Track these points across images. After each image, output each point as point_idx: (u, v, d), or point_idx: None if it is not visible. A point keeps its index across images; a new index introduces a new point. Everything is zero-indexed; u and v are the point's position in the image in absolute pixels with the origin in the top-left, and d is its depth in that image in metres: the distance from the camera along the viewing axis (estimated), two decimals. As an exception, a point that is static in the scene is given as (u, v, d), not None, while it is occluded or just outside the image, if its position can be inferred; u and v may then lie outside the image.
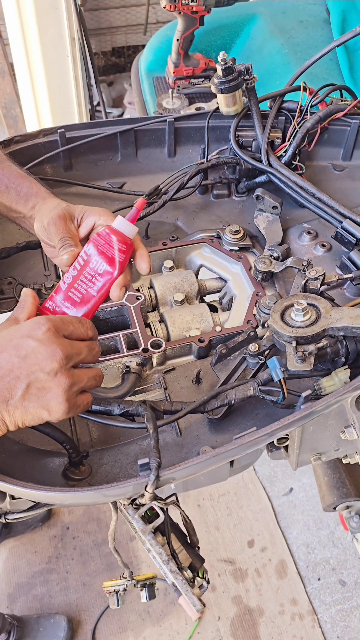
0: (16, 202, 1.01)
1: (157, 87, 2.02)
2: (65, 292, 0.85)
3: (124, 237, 0.85)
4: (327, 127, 1.34)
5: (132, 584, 1.00)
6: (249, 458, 0.99)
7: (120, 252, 0.84)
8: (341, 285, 1.12)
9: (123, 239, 0.85)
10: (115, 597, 1.00)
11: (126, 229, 0.85)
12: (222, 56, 1.18)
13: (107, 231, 0.85)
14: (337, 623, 1.99)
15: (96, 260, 0.84)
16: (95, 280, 0.85)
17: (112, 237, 0.84)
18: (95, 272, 0.85)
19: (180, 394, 1.00)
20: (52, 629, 1.89)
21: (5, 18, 2.62)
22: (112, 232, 0.84)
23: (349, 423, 0.96)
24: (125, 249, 0.85)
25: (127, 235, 0.85)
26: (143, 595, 1.00)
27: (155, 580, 1.03)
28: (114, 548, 0.92)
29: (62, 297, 0.86)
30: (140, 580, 1.01)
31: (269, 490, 2.29)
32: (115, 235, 0.84)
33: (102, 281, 0.85)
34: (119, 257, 0.84)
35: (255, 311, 1.09)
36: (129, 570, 0.99)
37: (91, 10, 3.89)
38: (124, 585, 1.00)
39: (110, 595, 1.00)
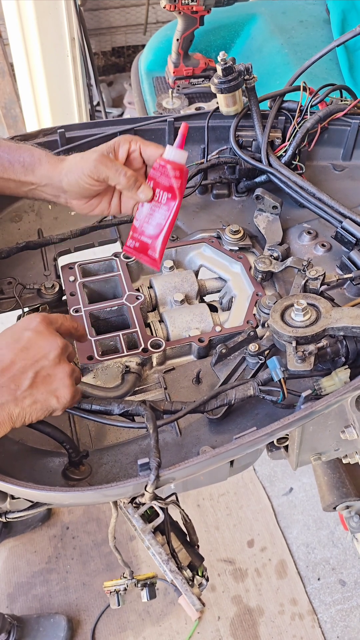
0: (24, 175, 1.00)
1: (157, 87, 2.02)
2: (140, 228, 0.95)
3: (177, 164, 0.91)
4: (327, 127, 1.34)
5: (133, 584, 1.00)
6: (249, 458, 0.99)
7: (176, 179, 0.91)
8: (341, 285, 1.12)
9: (176, 166, 0.91)
10: (115, 596, 1.00)
11: (177, 157, 0.91)
12: (222, 56, 1.18)
13: (161, 163, 0.91)
14: (337, 623, 1.99)
15: (157, 192, 0.93)
16: (162, 210, 0.94)
17: (167, 166, 0.91)
18: (160, 202, 0.93)
19: (180, 393, 1.00)
20: (52, 628, 1.89)
21: (5, 18, 2.62)
22: (165, 162, 0.91)
23: (349, 423, 0.97)
24: (180, 175, 0.91)
25: (179, 162, 0.91)
26: (144, 595, 1.00)
27: (155, 580, 1.03)
28: (114, 546, 0.92)
29: (140, 232, 0.95)
30: (140, 580, 1.01)
31: (269, 490, 2.29)
32: (169, 164, 0.91)
33: (167, 210, 0.93)
34: (176, 184, 0.91)
35: (255, 311, 1.09)
36: (130, 569, 0.99)
37: (91, 10, 3.89)
38: (124, 584, 1.00)
39: (110, 595, 1.00)
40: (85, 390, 0.93)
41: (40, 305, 1.12)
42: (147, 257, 0.97)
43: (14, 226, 1.27)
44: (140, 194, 0.93)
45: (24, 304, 1.10)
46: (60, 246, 1.22)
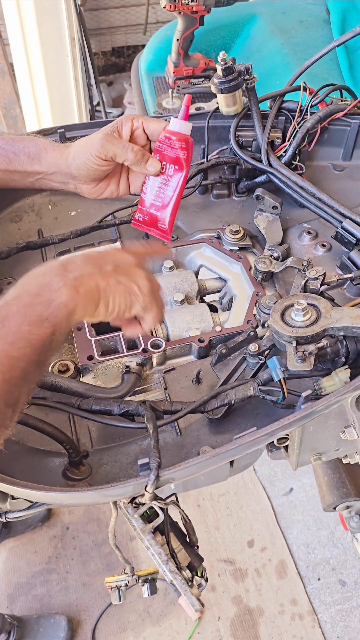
0: (30, 164, 1.00)
1: (157, 87, 2.02)
2: (149, 200, 0.97)
3: (182, 135, 0.92)
4: (327, 127, 1.33)
5: (134, 579, 1.00)
6: (249, 458, 0.99)
7: (182, 150, 0.93)
8: (341, 285, 1.12)
9: (182, 137, 0.92)
10: (117, 592, 1.00)
11: (182, 128, 0.92)
12: (222, 56, 1.18)
13: (166, 135, 0.92)
14: (337, 623, 1.99)
15: (164, 164, 0.94)
16: (170, 183, 0.95)
17: (172, 138, 0.92)
18: (167, 175, 0.95)
19: (180, 394, 1.00)
20: (52, 629, 1.89)
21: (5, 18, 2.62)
22: (171, 134, 0.92)
23: (349, 423, 0.96)
24: (186, 146, 0.93)
25: (184, 133, 0.92)
26: (145, 591, 1.00)
27: (156, 576, 1.03)
28: (115, 544, 0.92)
29: (148, 205, 0.97)
30: (141, 576, 1.01)
31: (269, 490, 2.29)
32: (175, 135, 0.92)
33: (174, 181, 0.95)
34: (182, 154, 0.93)
35: (255, 311, 1.09)
36: (130, 565, 0.99)
37: (91, 10, 3.89)
38: (125, 580, 1.00)
39: (112, 591, 1.00)
40: (86, 390, 0.93)
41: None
42: (157, 229, 0.99)
43: (14, 226, 1.27)
44: (149, 167, 0.95)
45: (24, 304, 1.10)
46: (60, 246, 1.21)
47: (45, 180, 1.02)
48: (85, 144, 0.96)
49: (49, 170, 0.99)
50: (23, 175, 1.01)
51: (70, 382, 0.94)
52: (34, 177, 1.01)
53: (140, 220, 0.99)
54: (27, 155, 0.99)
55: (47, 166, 0.99)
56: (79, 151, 0.96)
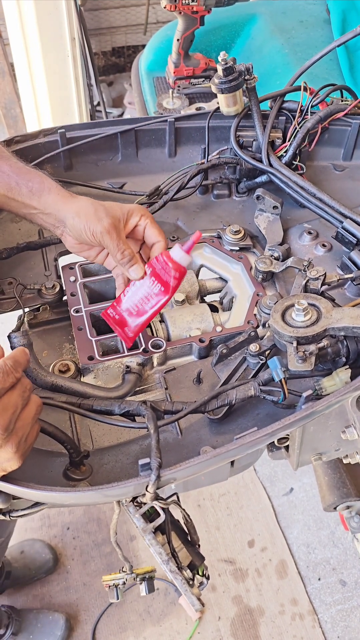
0: (29, 199, 1.00)
1: (157, 87, 2.02)
2: (126, 305, 0.98)
3: (179, 266, 0.93)
4: (328, 127, 1.34)
5: (132, 578, 0.99)
6: (250, 458, 0.99)
7: (174, 279, 0.94)
8: (342, 285, 1.12)
9: (178, 267, 0.93)
10: (114, 590, 1.00)
11: (182, 259, 0.93)
12: (222, 56, 1.18)
13: (165, 259, 0.93)
14: (337, 623, 1.99)
15: (153, 280, 0.95)
16: (150, 299, 0.96)
17: (169, 264, 0.93)
18: (151, 291, 0.96)
19: (180, 394, 1.00)
20: (49, 626, 1.89)
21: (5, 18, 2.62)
22: (169, 260, 0.93)
23: (350, 423, 0.96)
24: (179, 276, 0.94)
25: (182, 265, 0.93)
26: (142, 589, 1.00)
27: (154, 574, 1.03)
28: (115, 542, 0.92)
29: (124, 308, 0.98)
30: (139, 574, 1.00)
31: (269, 490, 2.29)
32: (172, 263, 0.93)
33: (155, 300, 0.96)
34: (172, 282, 0.94)
35: (256, 311, 1.09)
36: (129, 564, 0.99)
37: (91, 10, 3.89)
38: (123, 579, 0.99)
39: (109, 589, 1.00)
40: (86, 390, 0.93)
41: (41, 305, 1.12)
42: (122, 333, 0.99)
43: (15, 226, 1.27)
44: (132, 272, 0.95)
45: (24, 304, 1.10)
46: (61, 246, 1.21)
47: (37, 217, 1.02)
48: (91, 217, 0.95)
49: (45, 210, 1.00)
50: (19, 205, 1.02)
51: (71, 382, 0.94)
52: (28, 210, 1.02)
53: (111, 316, 1.00)
54: (29, 190, 1.00)
55: (44, 205, 1.00)
56: (82, 216, 0.95)
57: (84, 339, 1.02)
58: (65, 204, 0.98)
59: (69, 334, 1.09)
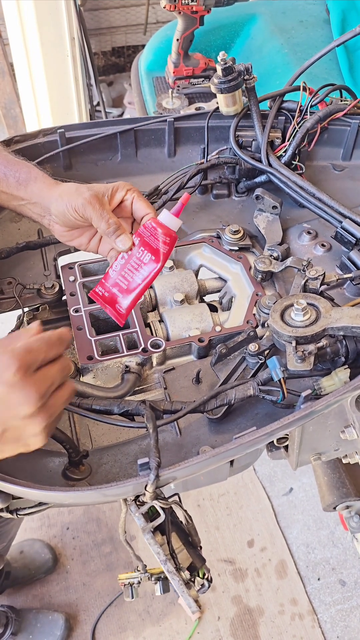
0: (17, 189, 1.00)
1: (157, 87, 2.02)
2: (114, 279, 0.92)
3: (169, 230, 0.89)
4: (327, 127, 1.34)
5: (146, 577, 1.00)
6: (249, 458, 0.99)
7: (164, 244, 0.89)
8: (341, 285, 1.12)
9: (168, 232, 0.88)
10: (130, 589, 1.00)
11: (171, 223, 0.89)
12: (222, 56, 1.18)
13: (153, 224, 0.89)
14: (337, 623, 1.99)
15: (141, 250, 0.89)
16: (141, 269, 0.90)
17: (158, 230, 0.88)
18: (141, 261, 0.90)
19: (180, 393, 1.00)
20: (49, 626, 1.89)
21: (5, 18, 2.62)
22: (158, 225, 0.88)
23: (349, 423, 0.96)
24: (169, 241, 0.89)
25: (171, 229, 0.89)
26: (157, 589, 1.00)
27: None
28: (125, 540, 0.91)
29: (112, 283, 0.92)
30: (154, 574, 1.01)
31: (268, 490, 2.29)
32: (161, 228, 0.88)
33: (146, 270, 0.90)
34: (162, 248, 0.89)
35: (255, 311, 1.09)
36: (142, 563, 0.99)
37: (91, 10, 3.89)
38: (138, 578, 1.00)
39: (124, 588, 1.00)
40: (85, 390, 0.93)
41: (40, 305, 1.12)
42: (113, 310, 0.93)
43: (14, 226, 1.27)
44: (119, 242, 0.91)
45: (24, 304, 1.11)
46: (60, 246, 1.22)
47: (25, 208, 1.01)
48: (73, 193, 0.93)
49: (31, 199, 0.99)
50: (9, 197, 1.01)
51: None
52: (17, 202, 1.01)
53: (100, 294, 0.93)
54: (16, 180, 1.00)
55: (30, 195, 0.99)
56: (64, 196, 0.94)
57: (83, 338, 1.02)
58: (50, 191, 0.97)
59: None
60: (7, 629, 1.83)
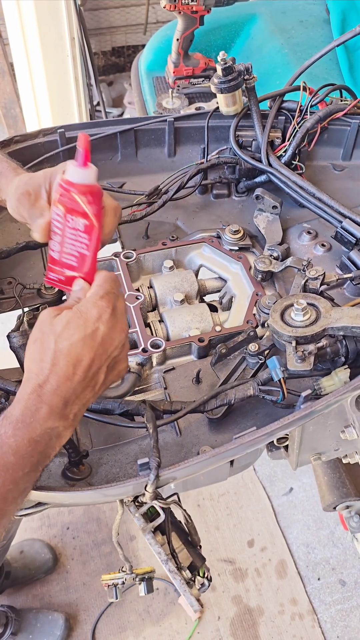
0: None
1: (157, 87, 2.02)
2: (59, 260, 0.82)
3: (85, 186, 0.76)
4: (327, 127, 1.34)
5: (131, 578, 0.99)
6: (249, 458, 0.99)
7: (88, 205, 0.77)
8: (341, 285, 1.12)
9: (84, 189, 0.76)
10: (113, 590, 1.00)
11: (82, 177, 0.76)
12: (222, 56, 1.18)
13: (64, 186, 0.76)
14: (337, 623, 1.99)
15: (71, 218, 0.78)
16: (81, 239, 0.80)
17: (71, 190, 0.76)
18: (76, 229, 0.79)
19: (180, 393, 1.00)
20: (49, 625, 1.89)
21: (5, 18, 2.62)
22: (69, 185, 0.76)
23: (349, 423, 0.96)
24: (92, 198, 0.77)
25: (86, 184, 0.77)
26: (141, 589, 1.00)
27: (153, 575, 1.03)
28: (117, 542, 0.92)
29: (60, 266, 0.83)
30: (139, 574, 1.00)
31: (269, 490, 2.29)
32: (74, 187, 0.76)
33: (85, 236, 0.80)
34: (89, 209, 0.77)
35: (255, 311, 1.09)
36: (129, 564, 0.99)
37: (91, 10, 3.89)
38: (122, 578, 1.00)
39: (108, 589, 1.00)
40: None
41: (41, 305, 1.12)
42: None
43: (14, 226, 1.27)
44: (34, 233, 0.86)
45: (24, 303, 1.10)
46: (60, 246, 1.21)
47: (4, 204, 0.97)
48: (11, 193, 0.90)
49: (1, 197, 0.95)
50: None
51: (70, 381, 0.93)
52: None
53: (55, 280, 0.85)
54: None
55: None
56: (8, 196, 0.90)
57: (83, 338, 1.02)
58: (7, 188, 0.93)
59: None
60: (7, 629, 1.83)
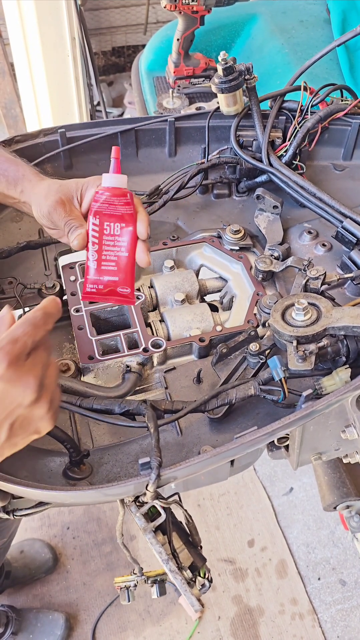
0: (7, 188, 0.99)
1: (157, 87, 2.02)
2: (97, 269, 0.86)
3: (119, 189, 0.84)
4: (328, 126, 1.34)
5: (143, 580, 1.00)
6: (250, 457, 0.99)
7: (125, 206, 0.84)
8: (342, 285, 1.13)
9: (119, 192, 0.84)
10: (126, 592, 1.00)
11: (117, 181, 0.84)
12: (222, 56, 1.18)
13: (101, 192, 0.84)
14: (337, 623, 1.99)
15: (107, 225, 0.85)
16: (119, 243, 0.86)
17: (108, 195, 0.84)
18: (114, 235, 0.85)
19: (181, 393, 1.00)
20: (49, 625, 1.89)
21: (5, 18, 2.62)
22: (106, 190, 0.84)
23: (350, 422, 0.97)
24: (128, 200, 0.84)
25: (120, 187, 0.84)
26: (154, 591, 1.00)
27: (165, 577, 1.03)
28: (122, 543, 0.92)
29: (98, 274, 0.86)
30: (150, 577, 1.01)
31: (269, 489, 2.29)
32: (110, 191, 0.84)
33: (125, 240, 0.85)
34: (125, 210, 0.84)
35: (256, 311, 1.09)
36: (139, 566, 0.99)
37: (91, 10, 3.89)
38: (134, 581, 1.00)
39: (121, 591, 1.00)
40: (86, 390, 0.93)
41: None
42: (118, 296, 0.88)
43: (15, 226, 1.27)
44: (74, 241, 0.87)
45: (24, 303, 1.11)
46: (61, 246, 1.22)
47: (20, 206, 1.01)
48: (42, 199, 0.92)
49: (21, 198, 0.99)
50: (3, 196, 1.02)
51: (71, 381, 0.94)
52: (12, 200, 1.01)
53: (93, 291, 0.87)
54: (6, 179, 0.99)
55: (19, 194, 0.99)
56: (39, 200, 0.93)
57: (84, 338, 1.02)
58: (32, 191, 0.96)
59: (69, 334, 1.10)
60: (7, 629, 1.83)
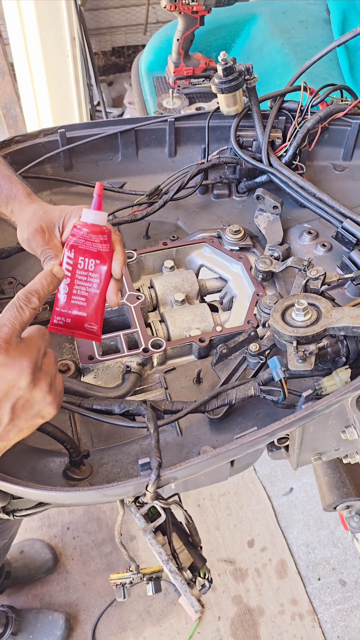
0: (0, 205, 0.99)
1: (157, 87, 2.02)
2: (66, 302, 0.85)
3: (98, 227, 0.84)
4: (328, 127, 1.34)
5: (139, 577, 1.00)
6: (250, 458, 0.99)
7: (101, 244, 0.83)
8: (342, 285, 1.13)
9: (97, 229, 0.83)
10: (121, 589, 1.00)
11: (96, 218, 0.83)
12: (222, 56, 1.18)
13: (79, 227, 0.84)
14: (337, 623, 1.99)
15: (82, 260, 0.84)
16: (91, 279, 0.85)
17: (86, 231, 0.83)
18: (87, 271, 0.84)
19: (180, 393, 1.00)
20: (49, 625, 1.89)
21: (5, 18, 2.62)
22: (84, 226, 0.83)
23: (350, 423, 0.97)
24: (105, 238, 0.84)
25: (99, 225, 0.84)
26: (149, 589, 1.00)
27: (161, 574, 1.03)
28: (120, 542, 0.92)
29: (67, 307, 0.85)
30: (146, 574, 1.01)
31: (269, 490, 2.29)
32: (89, 228, 0.83)
33: (97, 277, 0.85)
34: (102, 248, 0.83)
35: (256, 311, 1.09)
36: (136, 563, 0.99)
37: (91, 10, 3.89)
38: (130, 578, 1.00)
39: (116, 588, 1.00)
40: (86, 390, 0.93)
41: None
42: (84, 331, 0.87)
43: (15, 226, 1.27)
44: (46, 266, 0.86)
45: (24, 303, 1.10)
46: (60, 246, 1.21)
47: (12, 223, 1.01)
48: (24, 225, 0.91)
49: (12, 218, 0.99)
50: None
51: (71, 381, 0.94)
52: (5, 217, 1.01)
53: (61, 324, 0.86)
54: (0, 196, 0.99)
55: (10, 214, 0.99)
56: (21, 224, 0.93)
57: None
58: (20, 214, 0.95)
59: (69, 334, 1.09)
60: (7, 629, 1.83)
